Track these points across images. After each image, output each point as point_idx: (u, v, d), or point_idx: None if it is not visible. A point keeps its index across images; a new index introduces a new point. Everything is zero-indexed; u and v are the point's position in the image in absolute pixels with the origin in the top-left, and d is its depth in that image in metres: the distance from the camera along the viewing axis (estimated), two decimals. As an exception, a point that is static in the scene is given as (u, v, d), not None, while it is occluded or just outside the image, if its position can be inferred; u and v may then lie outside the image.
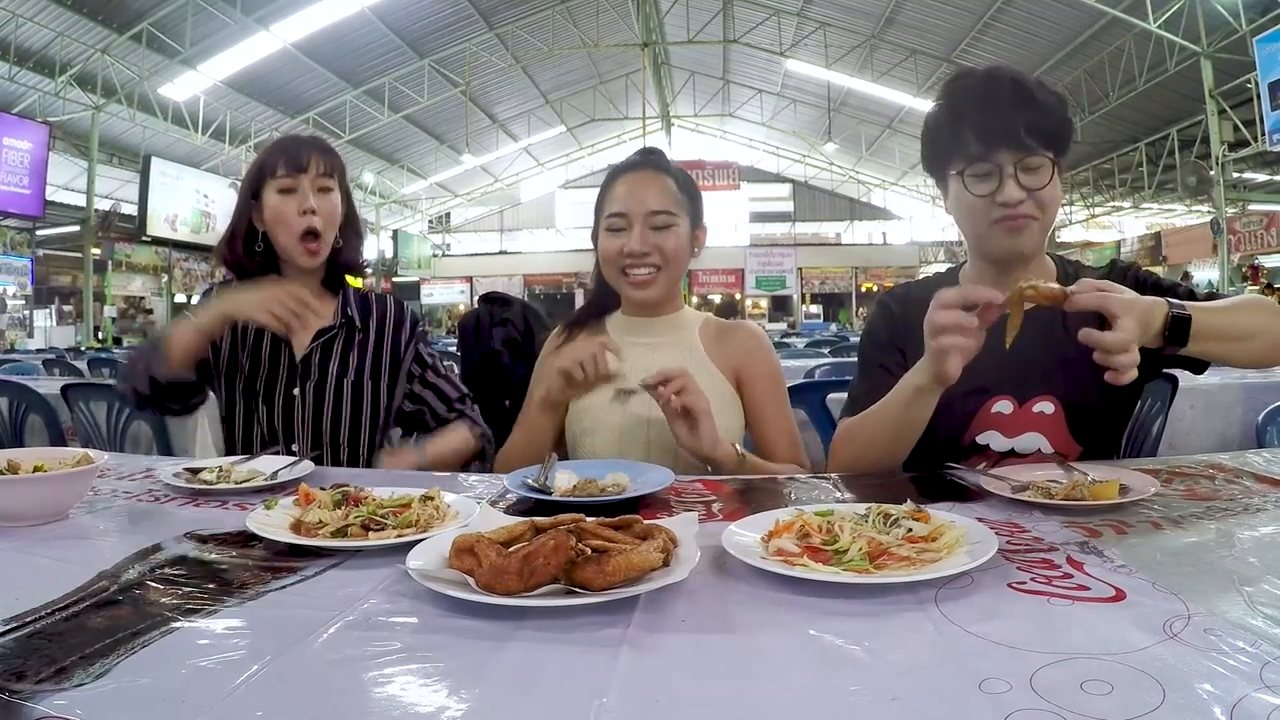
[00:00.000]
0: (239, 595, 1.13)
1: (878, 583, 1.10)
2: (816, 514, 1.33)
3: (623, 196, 2.38)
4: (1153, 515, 1.44)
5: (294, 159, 2.50)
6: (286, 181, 2.48)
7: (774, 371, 2.45)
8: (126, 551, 1.33)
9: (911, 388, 1.84)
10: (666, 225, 2.34)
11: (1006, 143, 1.94)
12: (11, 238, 21.85)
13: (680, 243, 2.38)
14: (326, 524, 1.38)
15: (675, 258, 2.37)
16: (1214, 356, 1.81)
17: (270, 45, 21.38)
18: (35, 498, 1.52)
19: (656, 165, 2.44)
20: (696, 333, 2.48)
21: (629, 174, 2.42)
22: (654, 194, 2.36)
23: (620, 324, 2.53)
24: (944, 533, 1.23)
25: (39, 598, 1.10)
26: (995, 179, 1.95)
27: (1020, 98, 1.95)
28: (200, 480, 1.80)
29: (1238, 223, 21.53)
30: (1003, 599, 1.07)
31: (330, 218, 2.53)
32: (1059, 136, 1.97)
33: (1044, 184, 1.94)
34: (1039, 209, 1.96)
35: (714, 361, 2.41)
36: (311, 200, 2.47)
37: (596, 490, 1.68)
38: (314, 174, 2.50)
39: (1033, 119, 1.94)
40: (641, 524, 1.23)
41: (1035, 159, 1.94)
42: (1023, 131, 1.93)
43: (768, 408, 2.37)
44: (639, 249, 2.33)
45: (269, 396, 2.52)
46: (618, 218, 2.36)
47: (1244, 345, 1.80)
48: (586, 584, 1.04)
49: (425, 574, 1.11)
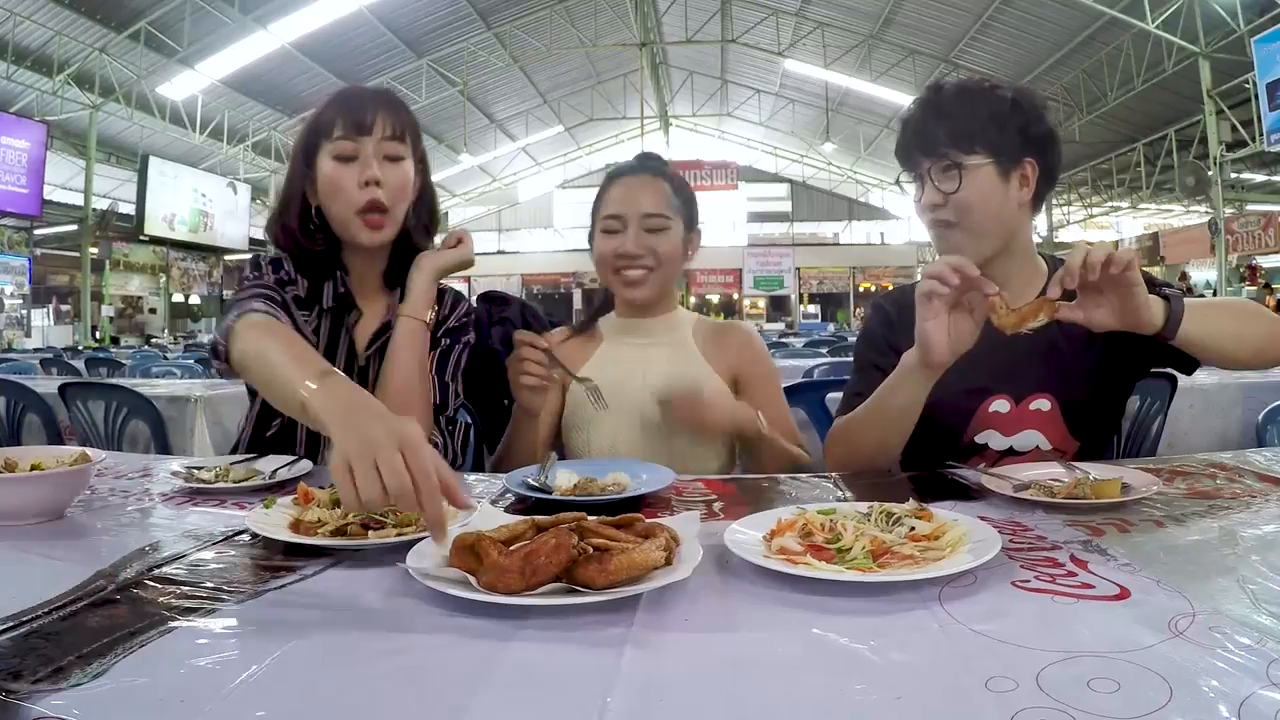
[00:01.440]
0: (237, 594, 1.12)
1: (881, 581, 1.10)
2: (819, 512, 1.32)
3: (618, 199, 2.41)
4: (1155, 514, 1.44)
5: (355, 118, 2.07)
6: (345, 146, 2.06)
7: (770, 371, 2.51)
8: (124, 550, 1.33)
9: (903, 370, 1.89)
10: (660, 228, 2.37)
11: (924, 149, 2.04)
12: (9, 237, 21.89)
13: (674, 245, 2.41)
14: (326, 523, 1.36)
15: (668, 259, 2.40)
16: (1204, 347, 1.81)
17: (268, 44, 21.38)
18: (32, 496, 1.51)
19: (653, 169, 2.48)
20: (690, 333, 2.52)
21: (625, 178, 2.46)
22: (649, 197, 2.39)
23: (614, 325, 2.56)
24: (947, 531, 1.24)
25: (36, 596, 1.09)
26: (920, 185, 2.07)
27: (947, 107, 2.03)
28: (198, 479, 1.79)
29: (1235, 223, 21.55)
30: (1007, 597, 1.07)
31: (399, 192, 2.12)
32: (993, 138, 1.98)
33: (954, 188, 1.98)
34: (959, 213, 1.99)
35: (710, 363, 2.45)
36: (375, 169, 2.05)
37: (597, 489, 1.68)
38: (379, 136, 2.07)
39: (951, 125, 1.99)
40: (643, 523, 1.23)
41: (947, 164, 1.99)
42: (941, 137, 1.99)
43: (766, 408, 2.34)
44: (633, 250, 2.36)
45: None
46: (613, 219, 2.39)
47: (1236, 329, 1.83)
48: (589, 583, 1.04)
49: (426, 573, 1.11)
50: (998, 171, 1.99)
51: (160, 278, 27.06)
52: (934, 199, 2.01)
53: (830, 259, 38.69)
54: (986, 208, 1.99)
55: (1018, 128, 2.00)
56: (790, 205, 40.11)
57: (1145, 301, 1.67)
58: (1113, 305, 1.68)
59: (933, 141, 2.00)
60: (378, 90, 2.20)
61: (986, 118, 1.99)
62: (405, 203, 2.16)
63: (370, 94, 2.16)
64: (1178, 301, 1.74)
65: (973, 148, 1.97)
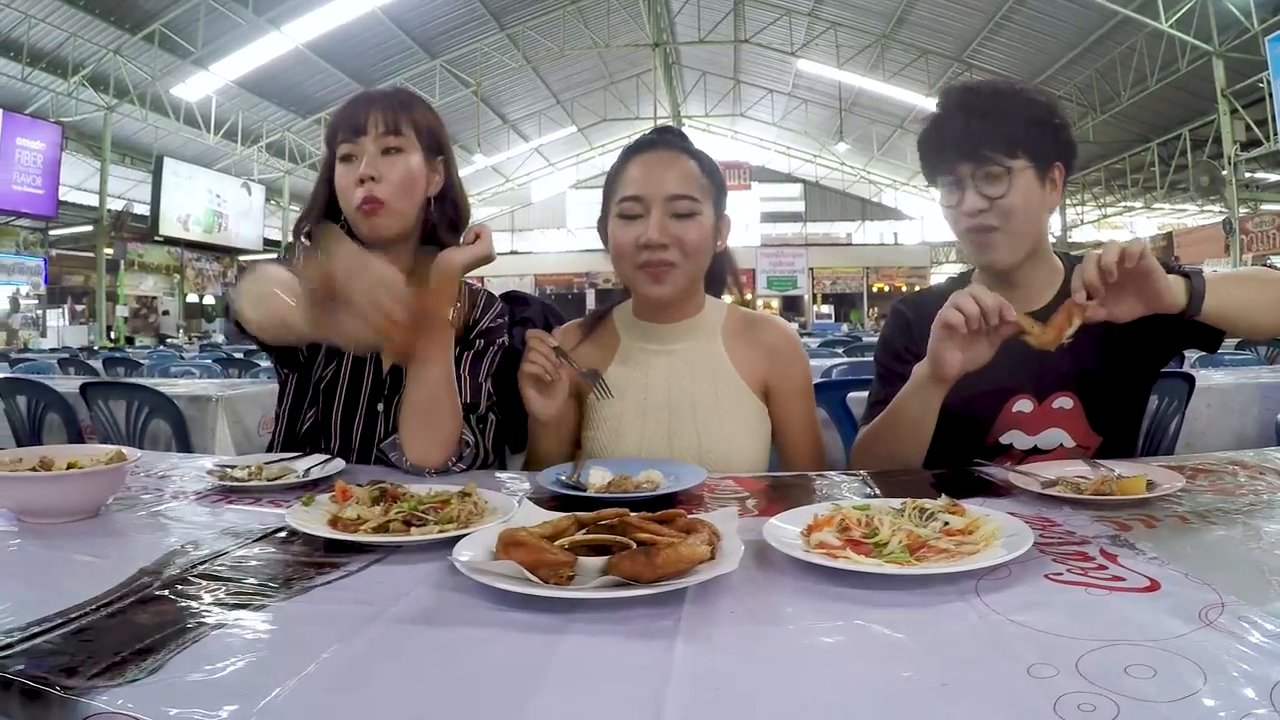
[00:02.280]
0: (284, 591, 1.13)
1: (920, 574, 1.11)
2: (855, 508, 1.34)
3: (638, 179, 2.13)
4: (1180, 510, 1.45)
5: (352, 121, 2.13)
6: (346, 148, 2.12)
7: (806, 384, 2.28)
8: (164, 548, 1.34)
9: (915, 382, 1.90)
10: (689, 213, 2.09)
11: (964, 154, 1.99)
12: (25, 237, 22.00)
13: (703, 234, 2.13)
14: (366, 519, 1.38)
15: (697, 250, 2.12)
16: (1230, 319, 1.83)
17: (282, 45, 21.51)
18: (71, 495, 1.53)
19: (677, 145, 2.21)
20: (719, 335, 2.26)
21: (645, 153, 2.18)
22: (675, 176, 2.11)
23: (631, 326, 2.31)
24: (980, 525, 1.25)
25: (82, 594, 1.10)
26: (960, 189, 2.01)
27: (986, 108, 2.00)
28: (232, 478, 1.80)
29: (1250, 223, 21.48)
30: (1042, 589, 1.09)
31: (401, 183, 2.12)
32: (1034, 143, 1.99)
33: (1002, 193, 1.97)
34: (1002, 217, 1.98)
35: (740, 371, 2.22)
36: (367, 166, 2.08)
37: (631, 487, 1.67)
38: (375, 134, 2.11)
39: (994, 128, 1.97)
40: (685, 518, 1.23)
41: (994, 168, 1.97)
42: (981, 141, 1.96)
43: (796, 421, 2.25)
44: (657, 238, 2.07)
45: (350, 409, 2.23)
46: (633, 202, 2.11)
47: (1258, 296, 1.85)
48: (637, 576, 1.04)
49: (475, 567, 1.11)
50: (1036, 175, 2.00)
51: (175, 278, 27.15)
52: (977, 204, 1.98)
53: (844, 259, 38.64)
54: (1028, 211, 1.99)
55: (1052, 132, 2.02)
56: (803, 205, 40.11)
57: (1167, 284, 1.70)
58: (1136, 295, 1.72)
59: (974, 145, 1.97)
60: (383, 91, 2.23)
61: (1027, 121, 1.99)
62: (410, 195, 2.15)
63: (369, 95, 2.21)
64: (1198, 278, 1.77)
65: (1015, 151, 1.96)
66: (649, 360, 2.24)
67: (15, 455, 1.65)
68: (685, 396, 2.18)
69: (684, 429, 2.16)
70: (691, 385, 2.20)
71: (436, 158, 2.23)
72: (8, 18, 17.64)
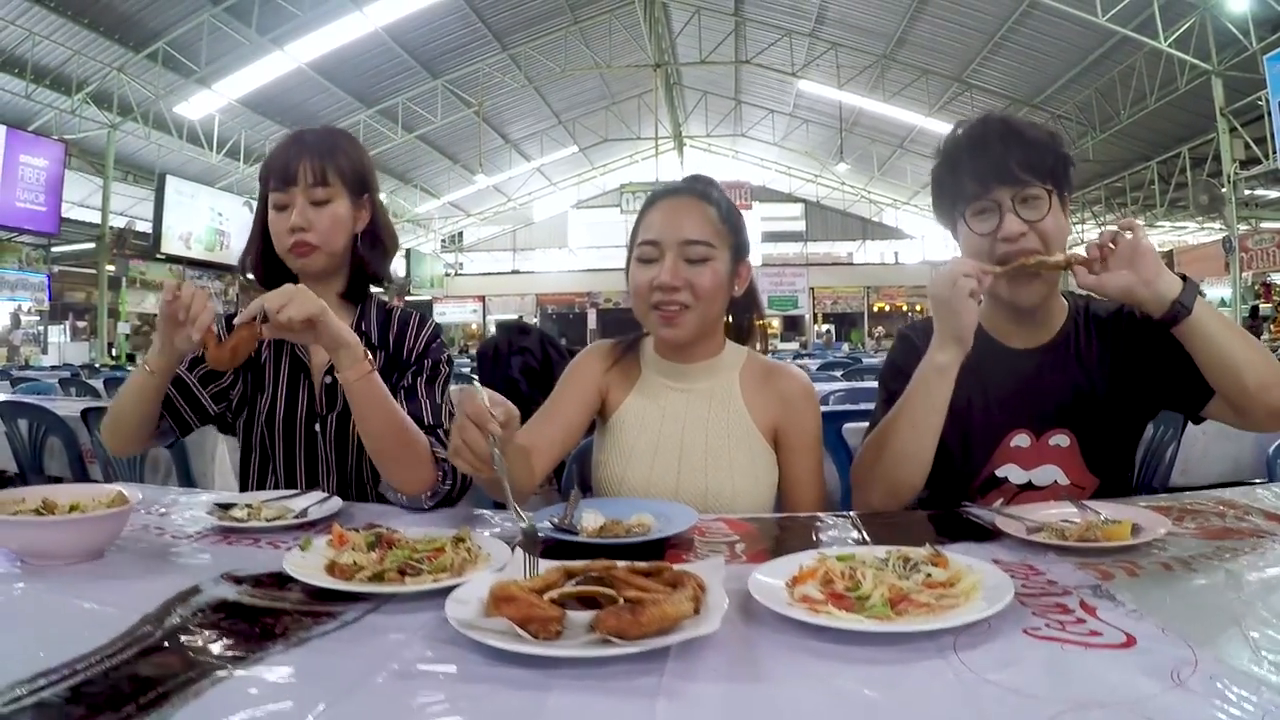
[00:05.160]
0: (284, 641, 1.16)
1: (898, 631, 1.13)
2: (839, 558, 1.35)
3: (657, 223, 2.19)
4: (1164, 556, 1.47)
5: (282, 171, 2.28)
6: (278, 197, 2.28)
7: (815, 434, 2.29)
8: (165, 593, 1.35)
9: (933, 370, 1.94)
10: (703, 259, 2.15)
11: (1001, 178, 1.99)
12: (28, 254, 21.99)
13: (717, 280, 2.17)
14: (362, 566, 1.40)
15: (709, 296, 2.17)
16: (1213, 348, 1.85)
17: (285, 65, 21.55)
18: (74, 539, 1.55)
19: (698, 191, 2.25)
20: (737, 378, 2.30)
21: (667, 200, 2.24)
22: (691, 222, 2.17)
23: (653, 360, 2.35)
24: (961, 578, 1.27)
25: (87, 644, 1.12)
26: (995, 215, 2.01)
27: (1010, 136, 2.02)
28: (231, 517, 1.82)
29: (1250, 240, 21.48)
30: (1018, 645, 1.11)
31: (329, 231, 2.29)
32: (1055, 171, 2.02)
33: (1043, 215, 1.99)
34: (1042, 241, 1.99)
35: (753, 415, 2.25)
36: (298, 216, 2.25)
37: (623, 531, 1.69)
38: (304, 184, 2.26)
39: (1024, 154, 1.99)
40: (670, 570, 1.25)
41: (1032, 189, 1.99)
42: (1015, 166, 1.98)
43: (802, 469, 2.25)
44: (669, 281, 2.13)
45: (289, 433, 2.34)
46: (650, 246, 2.18)
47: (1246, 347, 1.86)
48: (622, 633, 1.06)
49: (467, 624, 1.14)
50: (1060, 202, 2.03)
51: (176, 296, 27.11)
52: (1018, 227, 1.98)
53: (844, 278, 38.69)
54: (1060, 236, 2.02)
55: (1066, 163, 2.06)
56: (804, 225, 40.16)
57: (1160, 270, 1.81)
58: (1130, 269, 1.83)
59: (1010, 170, 1.98)
60: (312, 137, 2.37)
61: (1052, 150, 2.03)
62: (338, 237, 2.33)
63: (301, 141, 2.35)
64: (1194, 285, 1.86)
65: (1045, 179, 2.00)
66: (666, 396, 2.29)
67: (18, 495, 1.66)
68: (697, 436, 2.22)
69: (692, 469, 2.19)
70: (704, 426, 2.24)
71: (362, 196, 2.41)
72: (12, 35, 17.68)
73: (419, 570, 1.39)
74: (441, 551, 1.47)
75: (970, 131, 2.11)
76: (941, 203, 2.18)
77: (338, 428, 2.33)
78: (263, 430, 2.36)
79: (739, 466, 2.20)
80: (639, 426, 2.26)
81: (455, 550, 1.48)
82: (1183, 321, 1.81)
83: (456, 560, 1.44)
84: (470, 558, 1.47)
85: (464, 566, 1.44)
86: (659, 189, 2.34)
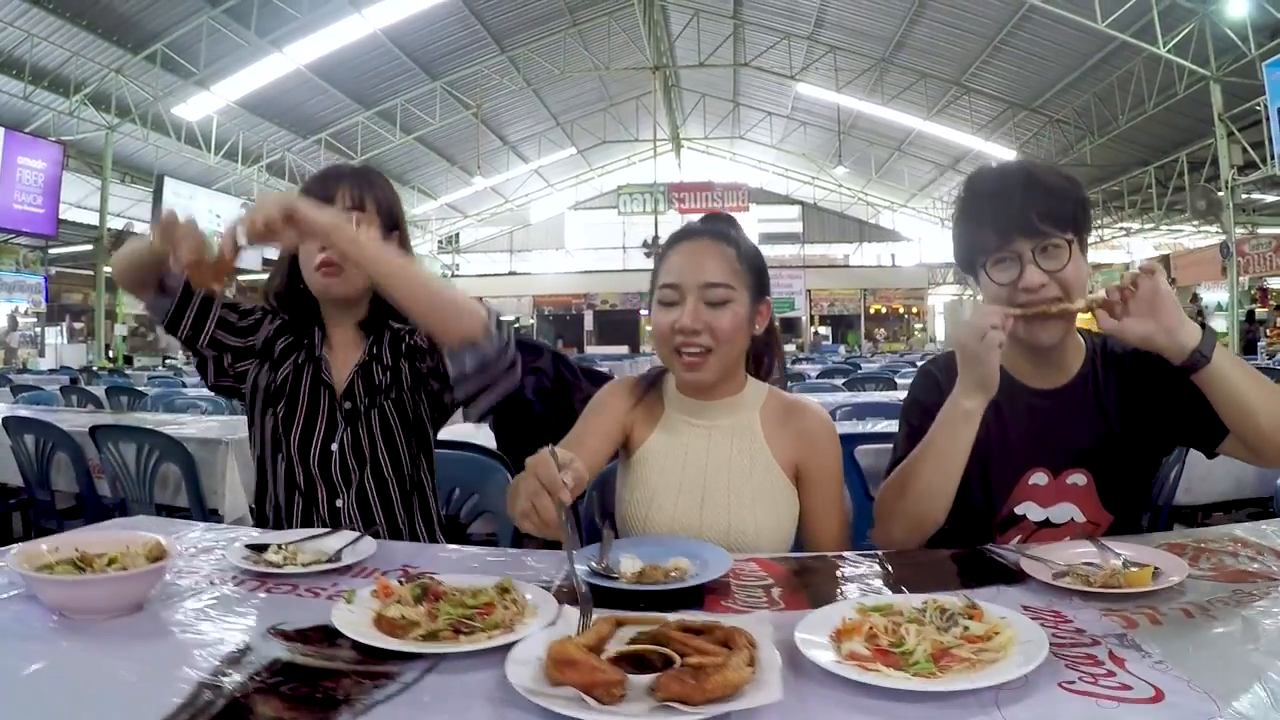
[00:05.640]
0: (348, 710, 1.14)
1: (945, 690, 1.17)
2: (877, 609, 1.40)
3: (677, 266, 2.21)
4: (1183, 601, 1.51)
5: (320, 192, 2.35)
6: None
7: (836, 470, 2.29)
8: (214, 651, 1.34)
9: (957, 413, 1.96)
10: (723, 301, 2.16)
11: (1022, 231, 1.99)
12: (25, 256, 22.00)
13: (737, 321, 2.18)
14: (414, 622, 1.39)
15: (729, 338, 2.17)
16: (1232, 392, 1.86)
17: (283, 67, 21.63)
18: (115, 595, 1.53)
19: (717, 233, 2.26)
20: (758, 415, 2.30)
21: (686, 243, 2.26)
22: (711, 265, 2.18)
23: (676, 397, 2.34)
24: (999, 631, 1.31)
25: (144, 713, 1.11)
26: (1016, 266, 2.02)
27: (1031, 186, 2.02)
28: (266, 561, 1.80)
29: (1247, 245, 21.59)
30: (1055, 700, 1.15)
31: None
32: (1076, 219, 2.02)
33: (1063, 265, 1.99)
34: (1062, 289, 2.00)
35: (773, 451, 2.25)
36: None
37: (661, 576, 1.69)
38: (342, 207, 2.34)
39: (1045, 205, 1.99)
40: (722, 628, 1.26)
41: (1052, 241, 1.99)
42: (1035, 217, 1.98)
43: (823, 505, 2.26)
44: (689, 325, 2.13)
45: (305, 449, 2.40)
46: (670, 289, 2.19)
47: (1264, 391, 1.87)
48: (685, 699, 1.07)
49: (533, 691, 1.14)
50: (1080, 249, 2.04)
51: (173, 297, 27.07)
52: (1039, 278, 1.98)
53: (841, 281, 38.84)
54: (1080, 282, 2.02)
55: (1085, 207, 2.07)
56: (801, 227, 40.30)
57: (1181, 319, 1.82)
58: (1150, 316, 1.83)
59: (1030, 223, 1.99)
60: (350, 168, 2.50)
61: (1072, 197, 2.04)
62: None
63: (339, 171, 2.46)
64: (1212, 330, 1.87)
65: (1066, 228, 2.00)
66: (689, 433, 2.29)
67: (51, 545, 1.63)
68: (720, 474, 2.22)
69: (715, 507, 2.19)
70: (727, 463, 2.24)
71: (392, 232, 2.45)
72: (10, 36, 17.72)
73: (473, 629, 1.39)
74: (491, 607, 1.45)
75: (992, 180, 2.12)
76: (962, 251, 2.18)
77: (353, 447, 2.41)
78: (281, 438, 2.43)
79: (761, 503, 2.20)
80: (662, 464, 2.26)
81: (502, 601, 1.47)
82: (1202, 370, 1.83)
83: (507, 617, 1.43)
84: (518, 610, 1.47)
85: (514, 622, 1.43)
86: (678, 231, 2.36)
